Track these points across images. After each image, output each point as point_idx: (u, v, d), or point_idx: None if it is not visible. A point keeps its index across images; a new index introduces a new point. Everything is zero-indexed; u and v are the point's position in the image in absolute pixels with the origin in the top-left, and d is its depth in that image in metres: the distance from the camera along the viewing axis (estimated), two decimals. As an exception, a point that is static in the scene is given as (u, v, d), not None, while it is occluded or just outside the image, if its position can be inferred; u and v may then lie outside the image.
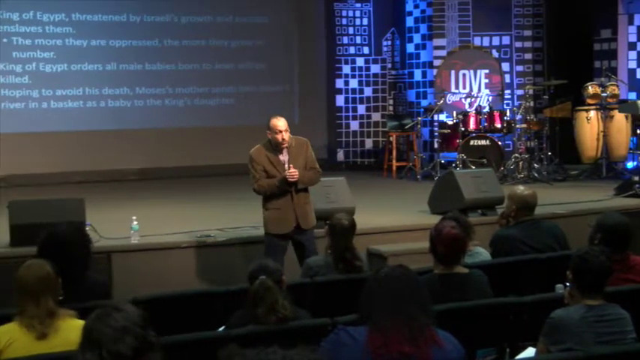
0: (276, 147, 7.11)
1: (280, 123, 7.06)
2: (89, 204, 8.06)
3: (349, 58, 15.11)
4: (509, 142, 13.30)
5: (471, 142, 12.35)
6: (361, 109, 15.13)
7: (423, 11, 14.43)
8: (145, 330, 2.60)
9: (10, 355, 3.89)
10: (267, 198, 7.16)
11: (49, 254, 4.55)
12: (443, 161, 12.69)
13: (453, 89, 14.02)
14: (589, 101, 12.57)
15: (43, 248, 4.87)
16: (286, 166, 7.10)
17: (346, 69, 15.09)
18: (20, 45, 13.09)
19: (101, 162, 13.35)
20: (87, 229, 7.14)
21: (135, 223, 7.99)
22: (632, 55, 13.09)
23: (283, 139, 7.05)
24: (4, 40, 13.00)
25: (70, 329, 3.87)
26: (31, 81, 13.17)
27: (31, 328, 3.95)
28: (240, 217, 8.53)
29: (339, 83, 15.09)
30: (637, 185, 10.18)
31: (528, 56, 14.29)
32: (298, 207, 7.16)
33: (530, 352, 4.39)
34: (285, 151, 7.14)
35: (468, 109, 13.22)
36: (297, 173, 7.01)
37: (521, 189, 6.50)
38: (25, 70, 13.13)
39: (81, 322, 2.76)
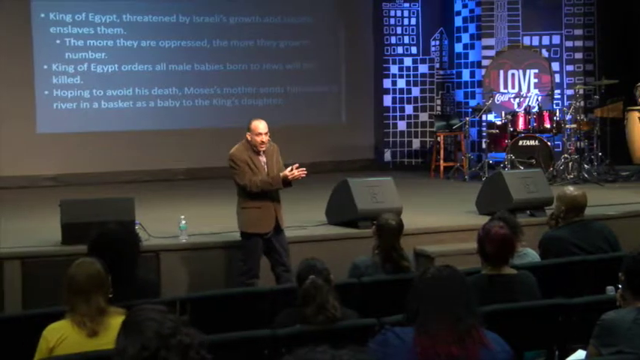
0: (255, 149, 7.17)
1: (261, 125, 7.20)
2: (138, 203, 8.13)
3: (397, 58, 15.07)
4: (559, 142, 13.16)
5: (520, 143, 12.24)
6: (409, 109, 15.08)
7: (471, 11, 14.34)
8: (179, 334, 2.60)
9: (62, 351, 3.94)
10: (246, 197, 7.17)
11: (99, 253, 4.60)
12: (491, 161, 12.60)
13: (501, 89, 13.92)
14: (641, 101, 12.40)
15: (94, 247, 4.92)
16: (266, 167, 7.21)
17: (394, 69, 15.05)
18: (73, 46, 13.27)
19: (150, 161, 13.48)
20: (136, 228, 7.24)
21: (183, 222, 8.05)
22: (686, 54, 12.89)
23: (262, 142, 7.17)
24: (57, 41, 13.19)
25: (120, 327, 3.91)
26: (82, 81, 13.34)
27: (82, 325, 3.99)
28: (286, 217, 8.53)
29: (387, 83, 15.05)
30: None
31: (579, 55, 14.12)
32: (277, 206, 7.28)
33: (581, 354, 4.34)
34: (262, 154, 7.24)
35: (517, 109, 13.12)
36: (305, 172, 7.13)
37: (570, 189, 6.43)
38: (77, 70, 13.31)
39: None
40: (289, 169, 7.20)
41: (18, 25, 12.93)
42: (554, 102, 13.47)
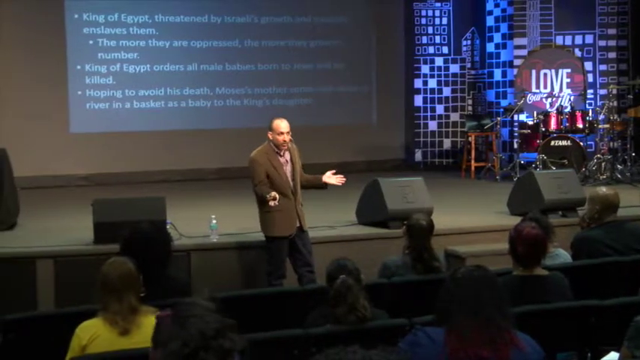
0: (277, 148, 7.17)
1: (283, 124, 7.18)
2: (169, 203, 8.18)
3: (428, 57, 15.03)
4: (592, 142, 13.06)
5: (552, 143, 12.17)
6: (440, 109, 15.04)
7: (503, 10, 14.27)
8: (222, 336, 2.60)
9: (94, 350, 3.97)
10: (266, 202, 7.17)
11: (131, 252, 4.63)
12: (523, 162, 12.52)
13: (533, 89, 13.83)
14: (675, 101, 12.28)
15: (126, 246, 4.95)
16: (287, 167, 7.22)
17: (425, 69, 15.01)
18: (105, 46, 13.38)
19: (181, 161, 13.55)
20: (167, 227, 7.27)
21: (214, 221, 8.08)
22: None
23: (285, 141, 7.14)
24: (90, 41, 13.30)
25: (152, 326, 3.91)
26: (115, 81, 13.44)
27: (114, 323, 4.02)
28: (316, 217, 8.54)
29: (418, 83, 15.02)
30: None
31: (612, 55, 14.00)
32: (298, 207, 7.28)
33: (613, 356, 4.30)
34: (285, 153, 7.24)
35: (549, 109, 13.04)
36: (344, 180, 7.26)
37: (603, 190, 6.38)
38: (109, 70, 13.41)
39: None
40: (327, 174, 7.25)
41: (52, 26, 13.05)
42: (587, 102, 13.36)
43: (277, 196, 7.00)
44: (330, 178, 7.31)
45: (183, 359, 2.50)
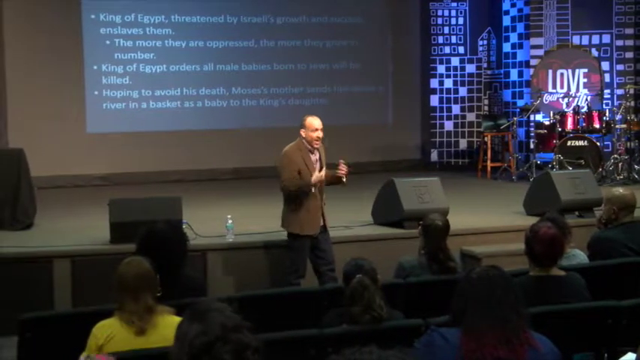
0: (310, 146, 7.16)
1: (316, 122, 7.19)
2: (186, 202, 8.20)
3: (444, 57, 15.01)
4: (609, 142, 13.01)
5: (569, 143, 12.12)
6: (456, 109, 15.01)
7: (520, 10, 14.23)
8: (241, 332, 2.60)
9: (110, 349, 3.98)
10: (294, 199, 7.17)
11: (147, 251, 4.63)
12: (539, 162, 12.49)
13: (550, 89, 13.78)
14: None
15: (142, 245, 4.95)
16: (317, 166, 7.23)
17: (441, 69, 14.99)
18: (122, 46, 13.42)
19: (197, 161, 13.58)
20: (183, 227, 7.28)
21: (230, 221, 8.10)
22: None
23: (319, 138, 7.16)
24: (107, 42, 13.35)
25: (168, 325, 3.94)
26: (131, 82, 13.48)
27: (130, 323, 4.03)
28: (332, 217, 8.52)
29: (434, 83, 15.00)
30: None
31: (629, 55, 13.93)
32: (323, 207, 7.31)
33: (630, 357, 4.28)
34: (315, 151, 7.24)
35: (566, 109, 12.99)
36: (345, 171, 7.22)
37: (620, 190, 6.35)
38: (126, 71, 13.45)
39: (178, 319, 2.78)
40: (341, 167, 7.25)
41: (69, 27, 13.11)
42: (604, 102, 13.30)
43: (322, 176, 7.02)
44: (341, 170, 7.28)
45: (201, 348, 2.50)
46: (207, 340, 2.50)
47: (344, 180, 7.31)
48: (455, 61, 15.00)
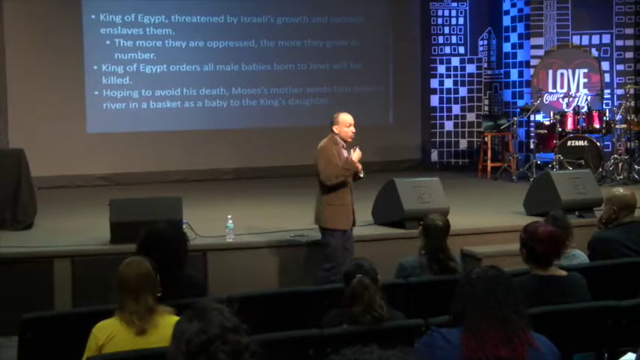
0: (343, 141, 7.22)
1: (349, 117, 7.29)
2: (186, 202, 8.20)
3: (444, 57, 15.01)
4: (609, 142, 13.01)
5: (569, 143, 12.13)
6: (456, 109, 15.01)
7: (520, 10, 14.23)
8: (239, 334, 2.60)
9: (111, 349, 3.98)
10: (332, 194, 7.19)
11: (147, 251, 4.63)
12: (539, 162, 12.49)
13: (550, 89, 13.78)
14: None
15: (142, 245, 4.95)
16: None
17: (441, 69, 14.99)
18: (122, 46, 13.42)
19: (198, 161, 13.58)
20: (184, 227, 7.28)
21: (230, 221, 8.10)
22: None
23: (353, 133, 7.25)
24: (107, 42, 13.35)
25: (169, 325, 3.91)
26: (131, 82, 13.48)
27: (130, 323, 4.03)
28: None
29: (434, 83, 15.00)
30: None
31: (629, 55, 13.94)
32: (354, 202, 7.36)
33: (631, 357, 4.28)
34: (346, 148, 7.32)
35: (566, 109, 12.99)
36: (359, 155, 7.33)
37: (620, 190, 6.35)
38: (126, 71, 13.45)
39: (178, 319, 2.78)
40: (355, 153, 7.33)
41: (69, 27, 13.11)
42: (604, 102, 13.30)
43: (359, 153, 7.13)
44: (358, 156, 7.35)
45: (199, 346, 2.50)
46: (206, 338, 2.50)
47: (361, 175, 7.39)
48: (455, 61, 15.00)
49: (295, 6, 14.25)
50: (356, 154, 7.26)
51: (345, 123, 7.23)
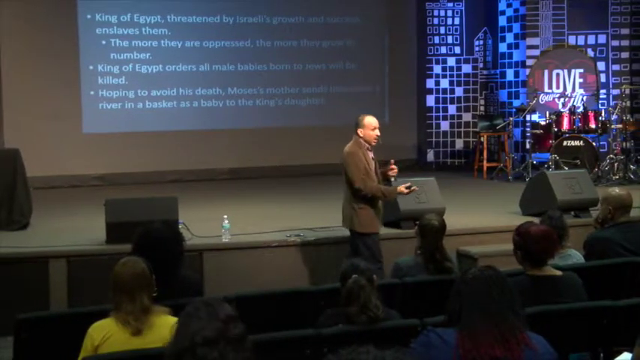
0: (368, 144, 7.15)
1: (374, 121, 7.24)
2: (182, 202, 8.20)
3: (440, 57, 15.02)
4: (604, 142, 13.02)
5: (565, 143, 12.14)
6: (452, 109, 15.02)
7: (516, 10, 14.24)
8: (235, 329, 2.60)
9: (107, 349, 3.97)
10: (361, 198, 7.14)
11: (143, 252, 4.62)
12: (535, 162, 12.50)
13: (546, 89, 13.80)
14: (688, 101, 12.22)
15: (138, 246, 4.95)
16: (374, 164, 7.22)
17: (437, 69, 15.00)
18: (118, 46, 13.41)
19: (194, 161, 13.57)
20: (180, 227, 7.27)
21: (226, 221, 8.09)
22: None
23: (378, 136, 7.18)
24: (103, 42, 13.34)
25: (164, 325, 3.94)
26: (127, 82, 13.47)
27: (126, 324, 4.02)
28: (329, 217, 8.54)
29: (430, 83, 15.01)
30: None
31: (625, 55, 13.96)
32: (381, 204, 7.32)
33: (627, 357, 4.29)
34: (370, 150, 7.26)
35: (562, 109, 13.00)
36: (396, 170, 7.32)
37: (616, 190, 6.36)
38: (122, 71, 13.44)
39: (174, 319, 2.78)
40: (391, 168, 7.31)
41: (65, 27, 13.10)
42: (600, 102, 13.32)
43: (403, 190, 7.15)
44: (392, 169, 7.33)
45: (202, 343, 2.51)
46: (212, 335, 2.52)
47: (392, 180, 7.38)
48: (451, 61, 15.01)
49: (291, 6, 14.25)
50: (400, 188, 7.17)
51: (370, 126, 7.18)
